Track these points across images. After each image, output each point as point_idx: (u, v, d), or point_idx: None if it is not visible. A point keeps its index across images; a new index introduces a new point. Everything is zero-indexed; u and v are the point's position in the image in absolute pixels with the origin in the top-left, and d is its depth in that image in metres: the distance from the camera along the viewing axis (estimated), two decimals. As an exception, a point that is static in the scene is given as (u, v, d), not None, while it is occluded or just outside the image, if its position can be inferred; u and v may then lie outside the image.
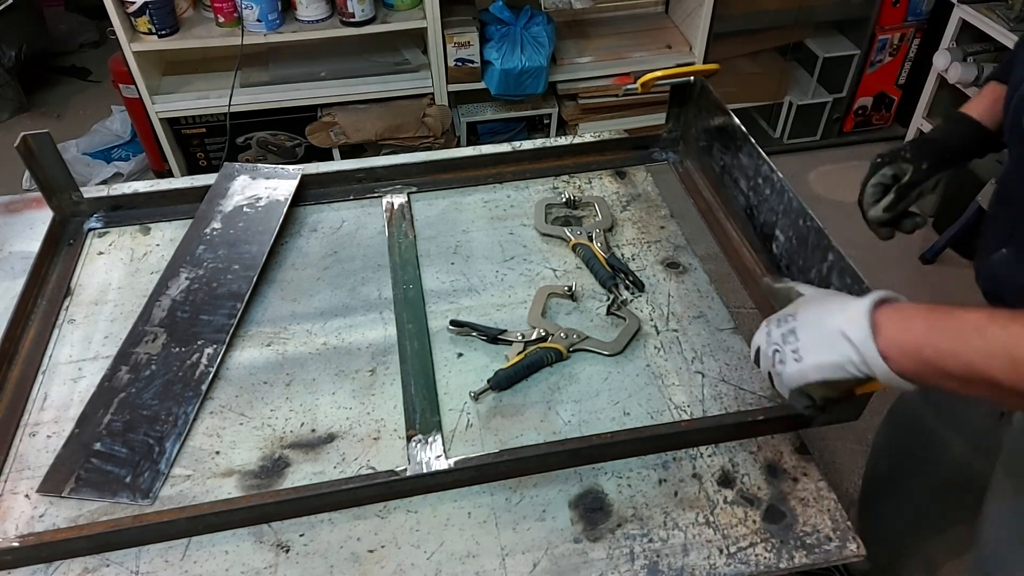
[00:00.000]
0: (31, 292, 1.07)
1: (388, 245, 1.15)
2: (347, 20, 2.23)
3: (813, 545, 0.80)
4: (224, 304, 1.05)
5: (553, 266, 1.12)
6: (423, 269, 1.12)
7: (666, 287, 1.09)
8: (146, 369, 0.97)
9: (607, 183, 1.27)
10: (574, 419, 0.92)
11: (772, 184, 1.01)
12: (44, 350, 1.01)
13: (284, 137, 2.53)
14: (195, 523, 0.80)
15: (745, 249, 1.10)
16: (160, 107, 2.34)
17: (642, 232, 1.18)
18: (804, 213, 0.94)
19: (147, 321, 1.03)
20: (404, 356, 0.99)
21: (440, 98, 2.46)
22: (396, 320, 1.04)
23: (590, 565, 0.78)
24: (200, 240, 1.14)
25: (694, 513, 0.82)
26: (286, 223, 1.18)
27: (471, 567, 0.78)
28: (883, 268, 2.39)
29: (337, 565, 0.79)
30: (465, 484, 0.85)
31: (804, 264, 0.95)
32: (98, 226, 1.20)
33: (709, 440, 0.89)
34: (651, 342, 1.01)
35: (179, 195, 1.23)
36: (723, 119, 1.12)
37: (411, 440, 0.88)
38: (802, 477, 0.86)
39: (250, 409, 0.94)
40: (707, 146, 1.21)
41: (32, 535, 0.79)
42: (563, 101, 2.61)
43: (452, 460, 0.84)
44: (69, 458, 0.87)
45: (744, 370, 0.97)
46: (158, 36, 2.19)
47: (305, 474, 0.87)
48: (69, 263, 1.14)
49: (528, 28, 2.36)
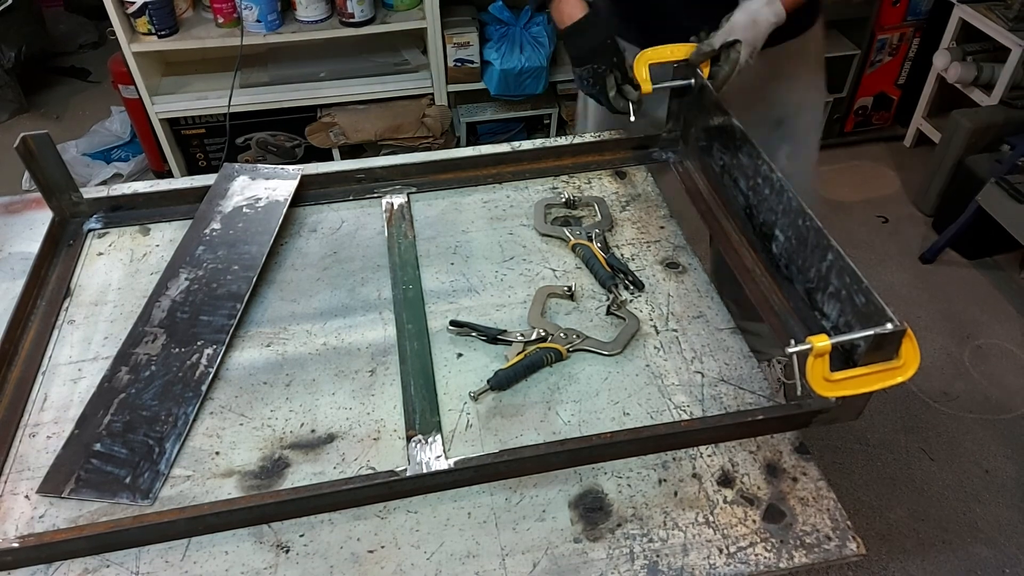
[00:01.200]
0: (31, 293, 1.07)
1: (387, 246, 1.15)
2: (347, 20, 2.23)
3: (813, 545, 0.80)
4: (224, 305, 1.05)
5: (553, 266, 1.12)
6: (423, 269, 1.12)
7: (666, 287, 1.09)
8: (146, 370, 0.97)
9: (607, 183, 1.27)
10: (574, 419, 0.92)
11: (771, 184, 1.01)
12: (44, 351, 1.01)
13: (284, 137, 2.54)
14: (195, 523, 0.80)
15: (745, 249, 1.10)
16: (160, 107, 2.34)
17: (642, 232, 1.18)
18: (803, 213, 0.94)
19: (147, 322, 1.03)
20: (404, 356, 0.99)
21: (440, 98, 2.46)
22: (396, 320, 1.04)
23: (590, 565, 0.78)
24: (200, 241, 1.14)
25: (694, 513, 0.83)
26: (285, 223, 1.18)
27: (471, 567, 0.78)
28: (882, 268, 2.39)
29: (337, 565, 0.79)
30: (465, 484, 0.85)
31: (803, 263, 0.95)
32: (98, 227, 1.20)
33: (709, 440, 0.89)
34: (651, 342, 1.01)
35: (179, 195, 1.23)
36: (723, 119, 1.12)
37: (411, 440, 0.88)
38: (802, 477, 0.86)
39: (250, 409, 0.94)
40: (707, 146, 1.21)
41: (32, 536, 0.79)
42: (563, 101, 2.61)
43: (452, 460, 0.84)
44: (69, 459, 0.87)
45: (744, 370, 0.97)
46: (158, 36, 2.19)
47: (305, 474, 0.87)
48: (69, 264, 1.14)
49: (528, 28, 2.37)
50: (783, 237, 1.00)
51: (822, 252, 0.90)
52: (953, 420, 1.97)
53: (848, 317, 0.86)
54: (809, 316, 0.95)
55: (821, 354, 0.76)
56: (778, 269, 1.03)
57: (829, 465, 1.85)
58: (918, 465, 1.88)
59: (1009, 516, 1.75)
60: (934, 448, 1.92)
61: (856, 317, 0.84)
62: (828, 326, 0.91)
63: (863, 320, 0.82)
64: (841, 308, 0.87)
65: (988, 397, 2.02)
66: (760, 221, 1.06)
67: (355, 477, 0.84)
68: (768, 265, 1.05)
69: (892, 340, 0.77)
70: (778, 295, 1.02)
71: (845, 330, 0.83)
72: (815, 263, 0.92)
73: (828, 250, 0.88)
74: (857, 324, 0.83)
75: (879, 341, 0.76)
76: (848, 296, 0.85)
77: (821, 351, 0.76)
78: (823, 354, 0.76)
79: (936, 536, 1.74)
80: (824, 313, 0.91)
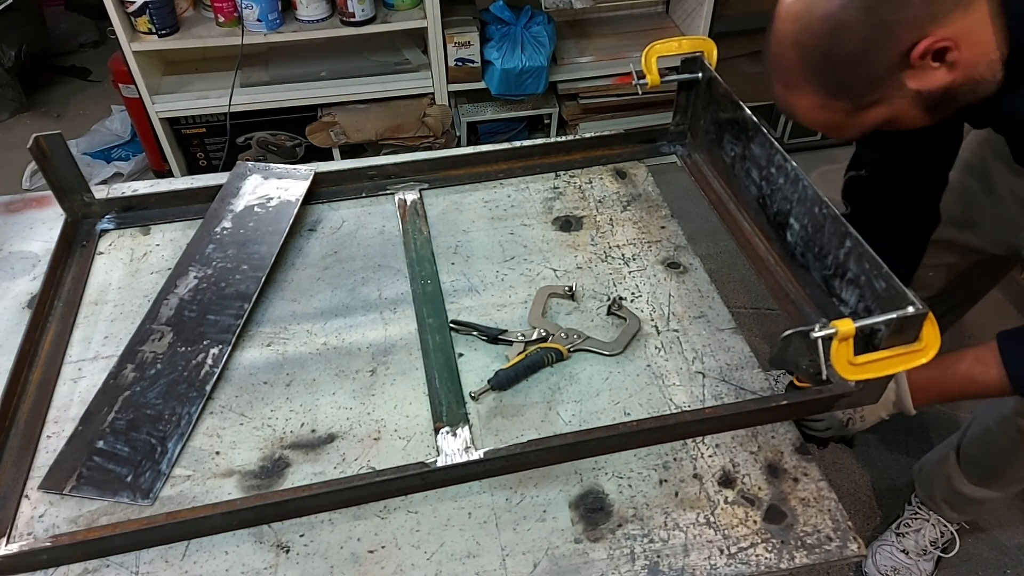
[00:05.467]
0: (48, 294, 1.06)
1: (403, 242, 1.16)
2: (347, 20, 2.23)
3: (814, 545, 0.80)
4: (231, 304, 1.04)
5: (553, 266, 1.12)
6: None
7: (666, 287, 1.09)
8: (151, 368, 0.97)
9: (607, 183, 1.27)
10: (575, 419, 0.91)
11: (786, 173, 1.00)
12: (64, 351, 1.01)
13: (284, 137, 2.53)
14: (200, 524, 0.80)
15: (758, 239, 1.10)
16: (160, 107, 2.34)
17: (642, 232, 1.18)
18: (820, 201, 0.94)
19: (154, 319, 1.03)
20: (427, 350, 0.99)
21: (440, 98, 2.46)
22: (416, 315, 1.04)
23: (590, 565, 0.78)
24: (210, 239, 1.14)
25: (695, 513, 0.82)
26: (291, 223, 1.18)
27: (471, 567, 0.78)
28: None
29: (337, 565, 0.79)
30: (495, 474, 0.86)
31: (820, 251, 0.95)
32: (110, 227, 1.20)
33: (737, 425, 0.90)
34: (652, 342, 1.01)
35: (191, 195, 1.22)
36: (734, 111, 1.12)
37: (439, 432, 0.89)
38: (803, 477, 0.86)
39: (250, 409, 0.94)
40: (716, 138, 1.20)
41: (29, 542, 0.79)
42: (563, 101, 2.61)
43: (482, 451, 0.84)
44: (72, 455, 0.87)
45: (745, 370, 0.97)
46: (158, 36, 2.19)
47: (305, 474, 0.87)
48: (84, 265, 1.13)
49: (528, 28, 2.36)
50: (798, 225, 1.00)
51: (840, 239, 0.90)
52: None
53: (868, 303, 0.86)
54: (826, 303, 0.95)
55: (846, 338, 0.76)
56: (793, 258, 1.03)
57: (830, 466, 1.84)
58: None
59: (1009, 516, 1.75)
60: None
61: (876, 302, 0.84)
62: (847, 312, 0.91)
63: (883, 305, 0.82)
64: (860, 294, 0.88)
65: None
66: (774, 211, 1.06)
67: (387, 469, 0.84)
68: (783, 254, 1.05)
69: (914, 323, 0.77)
70: (793, 283, 1.02)
71: (864, 315, 0.83)
72: (832, 250, 0.92)
73: (846, 237, 0.88)
74: (877, 309, 0.84)
75: (901, 324, 0.77)
76: (868, 282, 0.85)
77: (845, 335, 0.76)
78: (847, 338, 0.76)
79: (936, 536, 1.73)
80: (843, 299, 0.92)
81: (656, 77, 1.17)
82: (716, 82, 1.16)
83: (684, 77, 1.21)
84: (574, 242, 1.16)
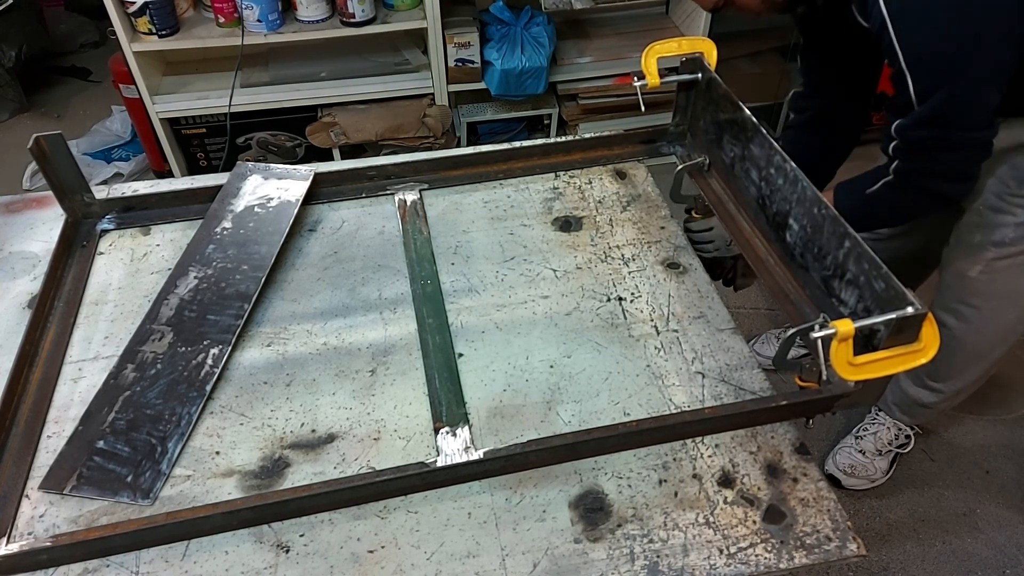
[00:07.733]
0: (48, 295, 1.06)
1: (403, 242, 1.16)
2: (347, 20, 2.23)
3: (813, 545, 0.80)
4: (232, 304, 1.05)
5: (553, 266, 1.12)
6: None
7: (666, 287, 1.09)
8: (152, 368, 0.97)
9: (607, 183, 1.28)
10: (574, 419, 0.92)
11: (785, 174, 1.01)
12: (64, 351, 1.01)
13: (284, 137, 2.54)
14: (200, 524, 0.80)
15: (758, 240, 1.10)
16: (160, 107, 2.34)
17: (642, 232, 1.18)
18: (819, 202, 0.94)
19: (154, 319, 1.03)
20: (427, 351, 0.99)
21: (440, 98, 2.46)
22: (416, 315, 1.04)
23: (590, 565, 0.78)
24: (211, 239, 1.14)
25: (694, 513, 0.83)
26: (291, 223, 1.18)
27: (471, 567, 0.79)
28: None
29: (337, 565, 0.79)
30: (495, 474, 0.86)
31: (820, 251, 0.95)
32: (111, 227, 1.20)
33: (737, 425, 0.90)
34: (651, 343, 1.01)
35: (192, 195, 1.22)
36: (734, 112, 1.12)
37: (438, 432, 0.89)
38: (802, 477, 0.86)
39: (250, 409, 0.94)
40: (716, 139, 1.20)
41: (29, 542, 0.79)
42: (563, 101, 2.61)
43: (482, 451, 0.84)
44: (72, 455, 0.88)
45: (744, 371, 0.97)
46: (158, 36, 2.19)
47: (305, 474, 0.87)
48: (84, 265, 1.13)
49: (528, 28, 2.37)
50: (798, 226, 1.00)
51: (839, 240, 0.90)
52: (953, 420, 1.97)
53: (867, 303, 0.86)
54: (826, 303, 0.95)
55: (845, 338, 0.76)
56: (792, 258, 1.03)
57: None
58: (918, 465, 1.88)
59: (1009, 516, 1.75)
60: (934, 448, 1.92)
61: (876, 302, 0.84)
62: (846, 312, 0.91)
63: (883, 305, 0.82)
64: (860, 294, 0.88)
65: (988, 397, 2.02)
66: (774, 211, 1.06)
67: (387, 469, 0.84)
68: (782, 254, 1.05)
69: (913, 323, 0.77)
70: (793, 284, 1.02)
71: (864, 316, 0.83)
72: (832, 250, 0.92)
73: (845, 237, 0.88)
74: (876, 309, 0.84)
75: (900, 325, 0.77)
76: (867, 282, 0.85)
77: (845, 335, 0.76)
78: (847, 338, 0.77)
79: (936, 536, 1.74)
80: (842, 300, 0.92)
81: (656, 78, 1.17)
82: (716, 83, 1.16)
83: (684, 78, 1.21)
84: (574, 242, 1.17)
